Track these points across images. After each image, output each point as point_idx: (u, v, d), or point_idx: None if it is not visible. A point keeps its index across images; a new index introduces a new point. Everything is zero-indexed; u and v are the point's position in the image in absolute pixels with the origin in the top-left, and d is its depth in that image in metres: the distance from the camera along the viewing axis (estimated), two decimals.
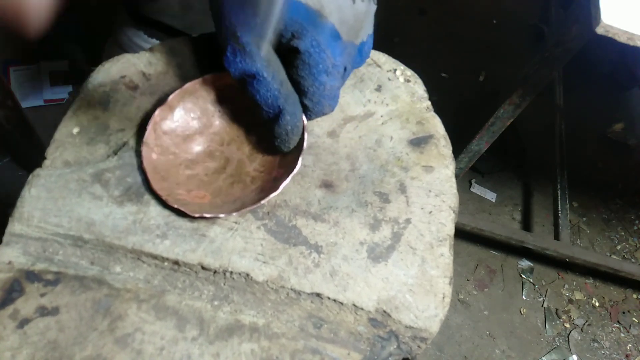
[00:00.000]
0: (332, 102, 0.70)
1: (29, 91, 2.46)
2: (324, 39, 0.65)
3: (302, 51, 0.65)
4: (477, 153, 1.89)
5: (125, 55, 0.81)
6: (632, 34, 1.11)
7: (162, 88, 0.79)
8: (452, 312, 2.21)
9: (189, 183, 0.72)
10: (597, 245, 2.57)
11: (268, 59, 0.65)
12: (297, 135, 0.70)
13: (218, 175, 0.74)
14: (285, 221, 0.70)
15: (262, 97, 0.66)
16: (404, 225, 0.72)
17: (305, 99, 0.68)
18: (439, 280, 0.69)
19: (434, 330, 0.66)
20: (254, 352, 0.62)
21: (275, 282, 0.66)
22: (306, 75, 0.66)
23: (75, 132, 0.75)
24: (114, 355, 0.60)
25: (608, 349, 2.26)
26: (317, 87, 0.67)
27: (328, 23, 0.66)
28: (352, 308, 0.65)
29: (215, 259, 0.66)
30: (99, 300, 0.63)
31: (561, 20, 1.48)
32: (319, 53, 0.65)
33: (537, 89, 1.58)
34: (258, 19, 0.63)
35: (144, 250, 0.66)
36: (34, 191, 0.69)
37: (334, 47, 0.67)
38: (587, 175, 2.76)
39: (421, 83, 0.86)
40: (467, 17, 3.30)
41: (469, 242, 2.40)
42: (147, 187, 0.70)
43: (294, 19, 0.64)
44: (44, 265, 0.64)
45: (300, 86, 0.68)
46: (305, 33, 0.64)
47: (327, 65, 0.66)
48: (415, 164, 0.78)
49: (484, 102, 2.74)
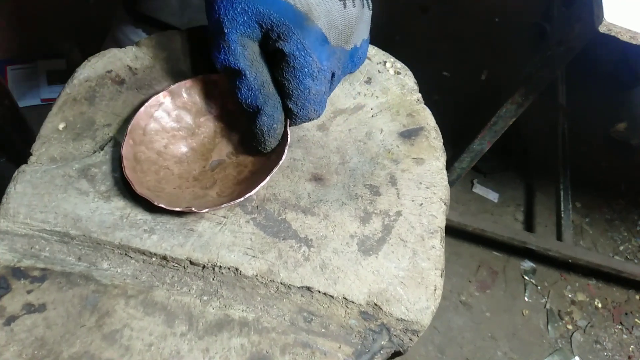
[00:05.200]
0: (318, 107, 0.70)
1: (26, 90, 2.44)
2: (310, 43, 0.65)
3: (287, 54, 0.65)
4: (479, 153, 1.88)
5: (111, 50, 0.81)
6: (635, 32, 1.10)
7: (148, 82, 0.79)
8: (453, 314, 2.20)
9: (173, 179, 0.72)
10: (600, 246, 2.55)
11: (252, 58, 0.67)
12: (273, 137, 0.70)
13: (203, 171, 0.74)
14: (275, 215, 0.70)
15: (243, 95, 0.68)
16: (395, 218, 0.72)
17: (290, 102, 0.68)
18: (430, 272, 0.68)
19: (425, 323, 0.65)
20: (244, 346, 0.61)
21: (264, 277, 0.65)
22: (291, 78, 0.66)
23: (61, 128, 0.74)
24: (102, 351, 0.59)
25: (610, 350, 2.25)
26: (302, 91, 0.67)
27: (315, 27, 0.66)
28: (343, 301, 0.65)
29: (204, 253, 0.66)
30: (87, 297, 0.62)
31: (564, 19, 1.47)
32: (305, 57, 0.65)
33: (540, 88, 1.57)
34: (246, 16, 0.64)
35: (132, 245, 0.65)
36: (19, 187, 0.68)
37: (321, 52, 0.66)
38: (590, 175, 2.75)
39: (411, 75, 0.86)
40: (469, 16, 3.29)
41: (471, 243, 2.39)
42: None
43: (281, 20, 0.64)
44: (30, 261, 0.64)
45: (285, 89, 0.67)
46: (291, 35, 0.64)
47: (312, 69, 0.66)
48: (405, 157, 0.77)
49: (486, 101, 2.73)
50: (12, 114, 1.89)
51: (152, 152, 0.72)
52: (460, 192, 2.53)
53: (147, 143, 0.72)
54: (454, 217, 2.11)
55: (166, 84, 0.78)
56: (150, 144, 0.73)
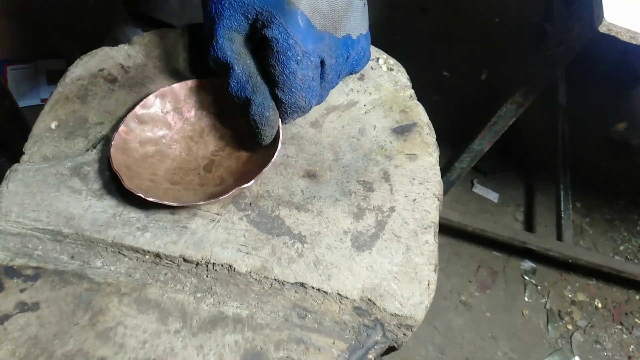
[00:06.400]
0: (306, 93, 0.69)
1: (26, 90, 2.43)
2: (291, 26, 0.65)
3: (270, 38, 0.65)
4: (480, 153, 1.88)
5: (103, 49, 0.81)
6: (635, 32, 1.10)
7: (141, 80, 0.79)
8: (453, 314, 2.19)
9: (166, 178, 0.72)
10: (600, 246, 2.54)
11: (239, 51, 0.68)
12: (268, 125, 0.69)
13: (196, 169, 0.74)
14: (268, 212, 0.70)
15: (233, 89, 0.69)
16: (388, 214, 0.71)
17: (278, 90, 0.68)
18: (423, 267, 0.68)
19: (419, 318, 0.65)
20: (238, 343, 0.61)
21: (258, 273, 0.65)
22: (275, 63, 0.66)
23: (53, 127, 0.74)
24: (95, 349, 0.59)
25: (610, 350, 2.24)
26: (287, 76, 0.66)
27: (297, 10, 0.66)
28: (337, 297, 0.65)
29: (197, 250, 0.66)
30: (80, 295, 0.62)
31: (564, 19, 1.47)
32: (287, 40, 0.65)
33: (540, 88, 1.57)
34: (232, 10, 0.65)
35: (125, 243, 0.65)
36: (11, 186, 0.68)
37: (305, 35, 0.66)
38: (590, 176, 2.74)
39: (404, 71, 0.86)
40: (469, 16, 3.29)
41: (470, 243, 2.38)
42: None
43: (264, 7, 0.65)
44: (23, 260, 0.64)
45: (272, 76, 0.67)
46: (273, 20, 0.65)
47: (295, 52, 0.65)
48: (399, 152, 0.77)
49: (486, 101, 2.73)
50: (12, 114, 1.89)
51: (143, 151, 0.72)
52: (460, 192, 2.53)
53: (138, 142, 0.72)
54: (454, 217, 2.11)
55: (159, 81, 0.78)
56: (142, 144, 0.73)
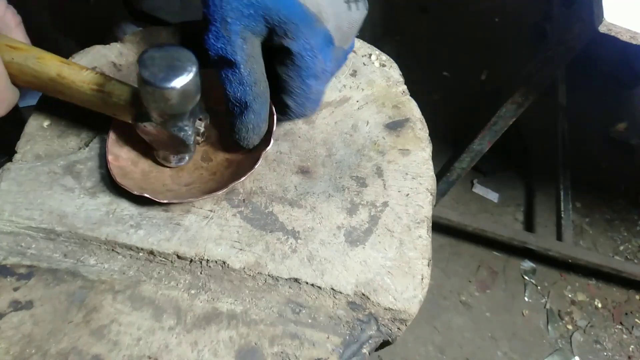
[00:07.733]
0: (315, 105, 0.70)
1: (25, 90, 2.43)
2: (317, 44, 0.65)
3: (294, 53, 0.64)
4: (480, 153, 1.88)
5: (95, 47, 0.81)
6: (635, 32, 1.10)
7: (133, 79, 0.78)
8: (453, 314, 2.19)
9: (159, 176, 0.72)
10: (600, 246, 2.54)
11: (250, 53, 0.64)
12: (257, 135, 0.69)
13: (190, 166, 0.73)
14: (262, 208, 0.70)
15: (233, 89, 0.65)
16: (381, 209, 0.72)
17: (289, 99, 0.68)
18: (417, 261, 0.68)
19: (413, 312, 0.65)
20: (233, 339, 0.61)
21: (252, 269, 0.65)
22: (294, 76, 0.66)
23: (45, 125, 0.75)
24: (90, 347, 0.59)
25: (610, 350, 2.24)
26: (304, 90, 0.67)
27: (324, 29, 0.65)
28: (331, 292, 0.65)
29: (191, 247, 0.66)
30: (74, 293, 0.62)
31: (564, 19, 1.47)
32: (312, 58, 0.64)
33: (540, 88, 1.57)
34: (253, 10, 0.62)
35: (118, 241, 0.65)
36: (4, 185, 0.68)
37: (327, 53, 0.67)
38: (590, 176, 2.74)
39: (396, 67, 0.86)
40: (469, 16, 3.29)
41: (470, 243, 2.38)
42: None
43: (289, 18, 0.63)
44: (16, 259, 0.64)
45: (286, 85, 0.67)
46: (299, 35, 0.63)
47: (317, 69, 0.65)
48: (391, 148, 0.77)
49: (486, 101, 2.73)
50: (12, 114, 1.90)
51: (140, 169, 0.72)
52: (460, 192, 2.53)
53: (131, 163, 0.72)
54: (454, 217, 2.11)
55: None
56: (135, 164, 0.72)
